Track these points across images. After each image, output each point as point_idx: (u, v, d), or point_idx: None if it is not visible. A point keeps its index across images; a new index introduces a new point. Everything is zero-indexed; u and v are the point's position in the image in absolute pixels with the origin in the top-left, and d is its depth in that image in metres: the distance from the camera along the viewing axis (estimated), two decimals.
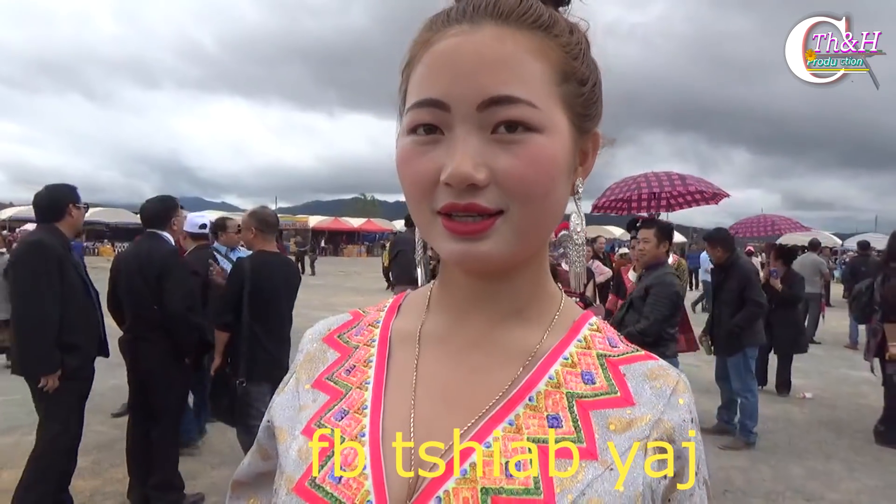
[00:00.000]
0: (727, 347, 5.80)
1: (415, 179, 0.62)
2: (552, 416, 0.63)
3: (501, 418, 0.62)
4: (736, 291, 5.72)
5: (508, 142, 0.59)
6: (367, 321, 0.79)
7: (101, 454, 4.94)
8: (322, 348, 0.77)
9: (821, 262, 12.55)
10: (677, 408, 0.65)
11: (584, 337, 0.70)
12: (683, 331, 6.12)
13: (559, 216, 0.66)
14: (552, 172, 0.61)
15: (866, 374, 6.97)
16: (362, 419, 0.66)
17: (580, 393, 0.65)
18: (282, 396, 0.77)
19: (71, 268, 3.62)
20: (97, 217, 34.81)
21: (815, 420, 6.72)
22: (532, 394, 0.64)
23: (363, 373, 0.71)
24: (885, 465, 5.39)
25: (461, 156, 0.58)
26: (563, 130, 0.62)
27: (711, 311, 6.14)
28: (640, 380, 0.66)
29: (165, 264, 3.94)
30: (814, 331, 12.04)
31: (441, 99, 0.59)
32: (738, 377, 5.77)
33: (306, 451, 0.65)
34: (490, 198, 0.59)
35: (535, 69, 0.60)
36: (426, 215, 0.63)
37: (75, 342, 3.59)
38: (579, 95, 0.64)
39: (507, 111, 0.58)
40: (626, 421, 0.63)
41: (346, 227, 50.61)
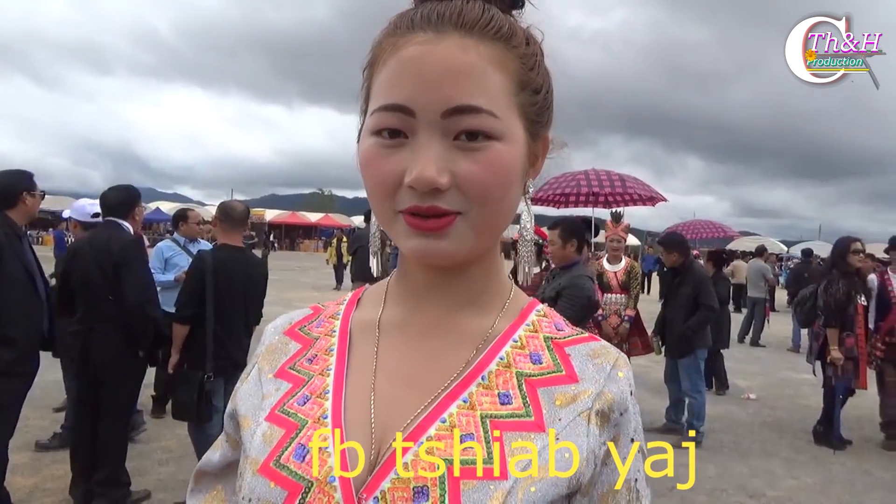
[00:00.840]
0: (679, 349, 5.95)
1: (379, 180, 0.65)
2: (503, 394, 0.68)
3: (456, 396, 0.67)
4: (690, 295, 5.87)
5: (470, 149, 0.63)
6: (327, 314, 0.82)
7: (42, 450, 4.78)
8: (284, 340, 0.80)
9: (766, 267, 12.98)
10: (617, 381, 0.70)
11: (532, 322, 0.76)
12: (639, 334, 6.25)
13: (511, 216, 0.70)
14: (509, 177, 0.65)
15: (807, 377, 7.24)
16: (324, 402, 0.69)
17: (528, 372, 0.70)
18: (246, 385, 0.79)
19: (13, 258, 3.45)
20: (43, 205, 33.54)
21: (758, 420, 6.95)
22: (484, 373, 0.69)
23: (325, 361, 0.75)
24: (822, 464, 5.61)
25: (425, 161, 0.61)
26: (520, 138, 0.67)
27: (662, 312, 6.27)
28: (583, 359, 0.71)
29: (126, 254, 3.83)
30: (759, 334, 12.45)
31: (407, 105, 0.62)
32: (688, 378, 5.93)
33: (271, 435, 0.68)
34: (450, 200, 0.63)
35: (496, 80, 0.64)
36: (389, 214, 0.67)
37: (12, 335, 3.40)
38: (533, 104, 0.69)
39: (469, 120, 0.62)
40: (570, 395, 0.68)
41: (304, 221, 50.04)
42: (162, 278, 5.54)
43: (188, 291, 3.98)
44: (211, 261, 4.00)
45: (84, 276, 3.82)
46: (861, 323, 5.91)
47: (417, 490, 0.61)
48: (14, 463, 3.97)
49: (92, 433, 3.93)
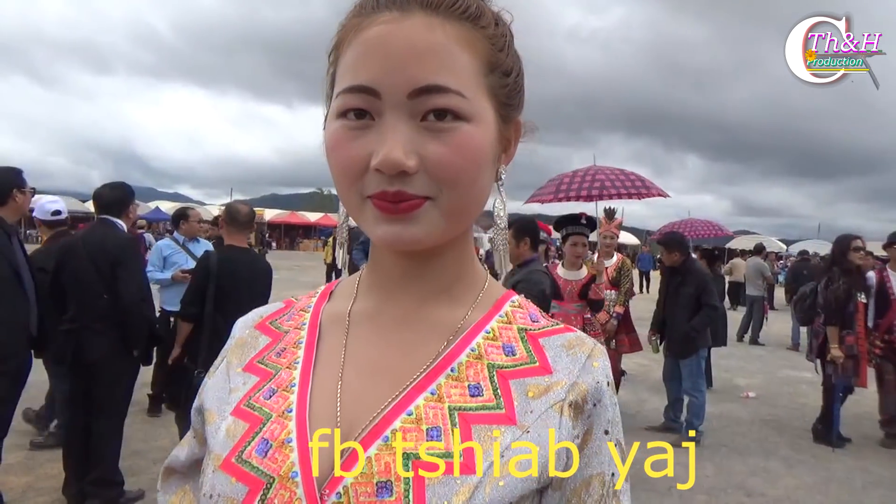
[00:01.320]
0: (682, 349, 5.91)
1: (345, 164, 0.63)
2: (473, 386, 0.66)
3: (424, 388, 0.65)
4: (692, 295, 5.83)
5: (438, 130, 0.61)
6: (298, 307, 0.80)
7: (35, 450, 4.75)
8: (254, 334, 0.79)
9: (764, 265, 12.96)
10: (591, 371, 0.68)
11: (506, 313, 0.73)
12: (626, 331, 6.23)
13: (483, 201, 0.68)
14: (479, 160, 0.63)
15: (807, 375, 7.22)
16: (290, 396, 0.67)
17: (500, 364, 0.68)
18: (213, 380, 0.77)
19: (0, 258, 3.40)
20: None
21: (757, 419, 6.92)
22: (454, 365, 0.67)
23: (293, 354, 0.73)
24: (821, 462, 5.58)
25: (392, 143, 0.59)
26: (490, 120, 0.65)
27: (662, 312, 6.23)
28: (557, 350, 0.69)
29: (122, 253, 3.81)
30: (758, 333, 12.43)
31: (372, 86, 0.60)
32: (689, 377, 5.91)
33: (234, 430, 0.67)
34: (418, 185, 0.61)
35: (463, 60, 0.62)
36: (355, 200, 0.64)
37: None
38: (503, 86, 0.67)
39: (436, 100, 0.60)
40: (543, 387, 0.66)
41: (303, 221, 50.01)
42: (159, 276, 5.54)
43: (193, 290, 4.02)
44: (215, 260, 4.03)
45: (77, 274, 3.78)
46: (861, 321, 5.88)
47: (381, 485, 0.59)
48: (7, 462, 3.95)
49: (85, 432, 3.89)
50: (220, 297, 3.94)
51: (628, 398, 7.08)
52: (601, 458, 0.67)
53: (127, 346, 3.86)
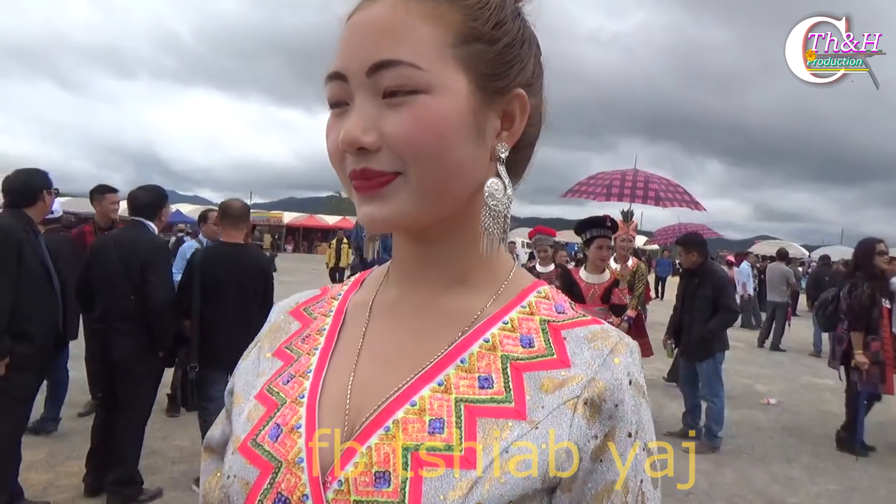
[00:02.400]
0: (700, 353, 5.84)
1: (330, 151, 0.65)
2: (483, 378, 0.64)
3: (431, 378, 0.64)
4: (710, 297, 5.76)
5: (396, 104, 0.61)
6: (331, 295, 0.82)
7: (56, 446, 4.81)
8: (287, 319, 0.80)
9: (788, 271, 12.78)
10: (612, 368, 0.64)
11: (529, 303, 0.71)
12: (637, 335, 6.15)
13: (464, 180, 0.65)
14: (441, 130, 0.61)
15: (829, 382, 7.11)
16: (304, 382, 0.69)
17: (516, 356, 0.66)
18: (245, 363, 0.80)
19: (32, 254, 3.49)
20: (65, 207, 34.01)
21: (778, 426, 6.82)
22: (464, 355, 0.66)
23: (315, 340, 0.74)
24: (844, 471, 5.48)
25: (351, 122, 0.61)
26: (459, 90, 0.63)
27: (679, 315, 6.16)
28: (579, 342, 0.66)
29: (153, 255, 3.89)
30: (780, 339, 12.26)
31: (340, 71, 0.63)
32: (707, 382, 5.83)
33: (253, 414, 0.69)
34: (383, 161, 0.62)
35: (423, 32, 0.62)
36: (346, 185, 0.66)
37: (28, 331, 3.44)
38: (484, 55, 0.65)
39: (390, 73, 0.60)
40: (558, 381, 0.63)
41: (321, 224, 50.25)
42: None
43: (180, 286, 4.16)
44: (199, 257, 4.20)
45: (106, 274, 3.85)
46: (886, 326, 5.77)
47: (379, 475, 0.59)
48: (29, 459, 4.01)
49: (107, 431, 3.95)
50: (205, 292, 4.02)
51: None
52: (631, 464, 0.63)
53: (153, 349, 3.91)
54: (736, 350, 10.51)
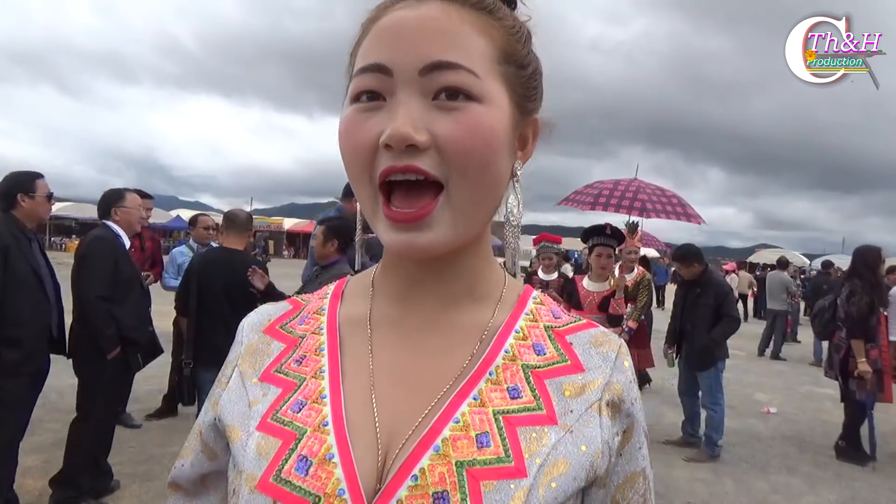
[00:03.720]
0: (702, 362, 5.82)
1: (356, 147, 0.62)
2: (512, 388, 0.65)
3: (466, 394, 0.64)
4: (712, 306, 5.74)
5: (449, 108, 0.60)
6: (309, 309, 0.77)
7: (53, 453, 4.77)
8: (265, 340, 0.75)
9: (788, 280, 12.78)
10: (623, 370, 0.69)
11: (531, 310, 0.73)
12: (638, 346, 6.12)
13: (498, 195, 0.67)
14: (492, 142, 0.61)
15: (829, 391, 7.09)
16: (323, 408, 0.65)
17: (534, 364, 0.67)
18: (227, 392, 0.73)
19: (21, 259, 3.46)
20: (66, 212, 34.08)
21: (778, 435, 6.80)
22: (491, 368, 0.66)
23: (316, 361, 0.70)
24: (844, 481, 5.46)
25: (402, 117, 0.58)
26: (504, 105, 0.64)
27: (678, 324, 6.13)
28: (586, 346, 0.69)
29: (86, 248, 3.93)
30: (780, 348, 12.24)
31: (384, 63, 0.60)
32: (708, 391, 5.82)
33: (266, 447, 0.63)
34: (429, 162, 0.60)
35: (477, 43, 0.62)
36: (368, 193, 0.63)
37: (17, 336, 3.42)
38: (520, 77, 0.67)
39: (448, 76, 0.59)
40: (579, 386, 0.66)
41: None
42: (172, 283, 5.63)
43: (180, 287, 4.47)
44: (197, 260, 4.44)
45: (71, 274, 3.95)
46: (884, 334, 5.76)
47: (437, 496, 0.57)
48: (25, 465, 3.99)
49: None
50: (201, 294, 4.20)
51: (646, 411, 6.94)
52: (643, 454, 0.70)
53: (98, 348, 3.82)
54: (736, 359, 10.49)
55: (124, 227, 4.09)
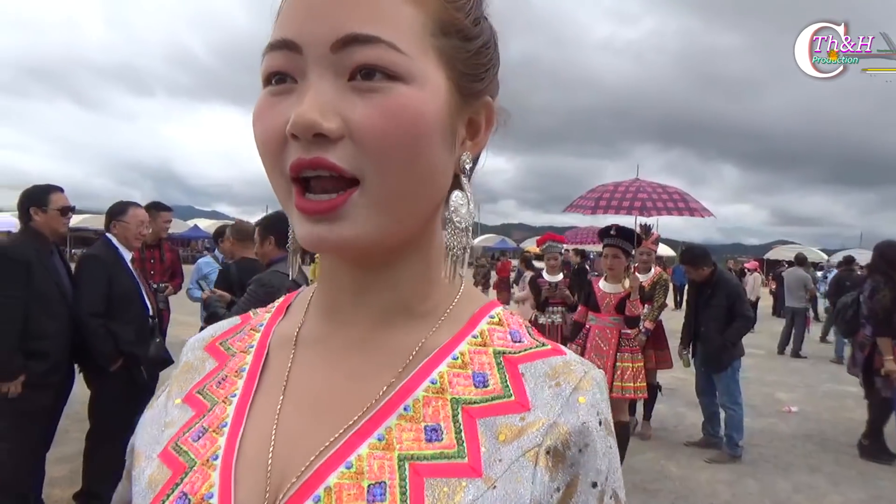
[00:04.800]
0: (717, 363, 5.77)
1: (264, 136, 0.53)
2: (431, 428, 0.54)
3: (369, 432, 0.54)
4: (724, 306, 5.70)
5: (366, 90, 0.50)
6: (252, 324, 0.70)
7: (80, 463, 4.83)
8: (202, 357, 0.68)
9: (806, 277, 12.63)
10: (576, 408, 0.55)
11: (481, 332, 0.61)
12: (656, 347, 6.08)
13: (432, 191, 0.56)
14: (418, 129, 0.51)
15: (851, 389, 7.00)
16: (218, 439, 0.57)
17: (468, 398, 0.56)
18: (150, 412, 0.67)
19: (43, 273, 3.52)
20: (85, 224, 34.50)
21: (800, 434, 6.72)
22: (408, 401, 0.55)
23: (232, 384, 0.62)
24: (868, 479, 5.39)
25: (308, 101, 0.49)
26: (438, 86, 0.54)
27: (692, 325, 6.08)
28: (539, 379, 0.57)
29: (79, 264, 3.96)
30: (800, 345, 12.10)
31: (291, 38, 0.51)
32: (725, 391, 5.77)
33: (157, 478, 0.57)
34: (342, 155, 0.50)
35: (405, 12, 0.52)
36: (282, 184, 0.54)
37: (43, 349, 3.48)
38: (462, 52, 0.56)
39: (364, 52, 0.50)
40: (517, 429, 0.54)
41: None
42: (196, 294, 5.67)
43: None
44: (235, 271, 4.44)
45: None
46: None
47: None
48: (52, 475, 4.06)
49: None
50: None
51: (666, 413, 6.95)
52: None
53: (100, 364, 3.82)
54: (756, 357, 10.40)
55: (122, 241, 4.10)
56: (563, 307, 6.61)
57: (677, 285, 16.97)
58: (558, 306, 6.63)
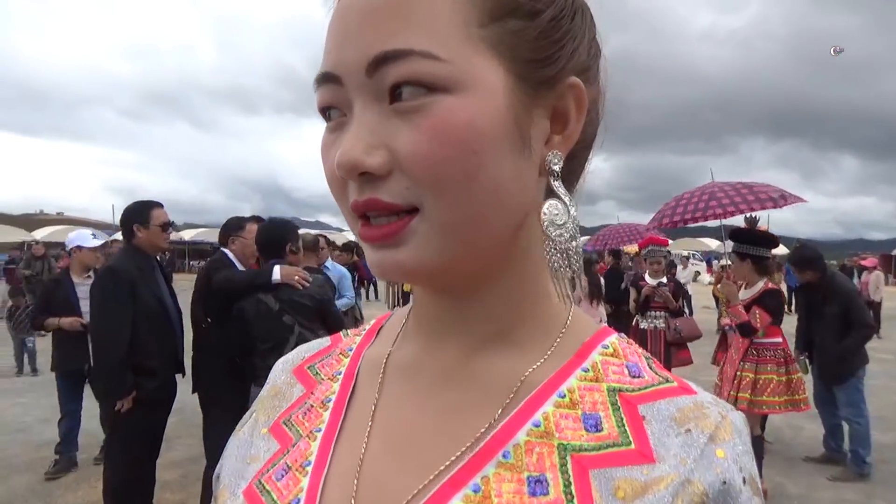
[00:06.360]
0: (837, 375, 5.30)
1: (327, 177, 0.50)
2: (534, 479, 0.47)
3: (463, 482, 0.47)
4: (838, 314, 5.22)
5: (408, 111, 0.45)
6: (341, 348, 0.65)
7: (190, 468, 5.12)
8: (290, 382, 0.64)
9: None
10: (714, 462, 0.46)
11: (593, 364, 0.53)
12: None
13: (508, 204, 0.49)
14: (470, 145, 0.45)
15: None
16: (301, 479, 0.53)
17: (578, 445, 0.48)
18: (235, 440, 0.63)
19: (146, 291, 3.64)
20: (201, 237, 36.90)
21: None
22: (508, 447, 0.49)
23: (318, 416, 0.58)
24: None
25: (349, 139, 0.45)
26: (493, 86, 0.46)
27: (804, 332, 5.62)
28: (665, 424, 0.49)
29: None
30: None
31: (331, 71, 0.47)
32: (848, 402, 5.27)
33: None
34: (394, 189, 0.46)
35: (439, 9, 0.45)
36: (351, 220, 0.50)
37: (151, 366, 3.60)
38: (525, 34, 0.48)
39: (397, 69, 0.44)
40: (640, 484, 0.46)
41: None
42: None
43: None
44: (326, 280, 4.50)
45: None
46: None
47: None
48: (163, 480, 4.29)
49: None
50: None
51: (781, 424, 6.45)
52: None
53: None
54: (883, 363, 9.50)
55: (239, 256, 4.07)
56: (665, 311, 6.31)
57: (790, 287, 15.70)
58: (660, 311, 6.34)
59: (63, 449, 5.12)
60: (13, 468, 5.18)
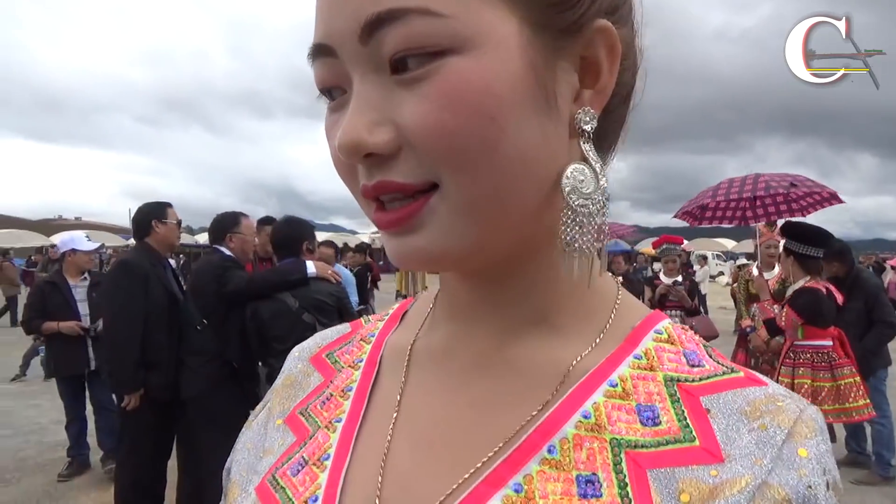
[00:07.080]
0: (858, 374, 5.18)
1: (333, 161, 0.45)
2: (585, 479, 0.41)
3: (503, 480, 0.42)
4: (862, 311, 5.11)
5: (412, 81, 0.39)
6: (362, 334, 0.61)
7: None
8: (307, 371, 0.59)
9: None
10: (796, 464, 0.40)
11: (646, 351, 0.47)
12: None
13: (535, 172, 0.43)
14: (489, 110, 0.39)
15: None
16: (320, 475, 0.48)
17: (633, 440, 0.43)
18: (248, 433, 0.59)
19: (158, 285, 3.68)
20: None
21: None
22: (554, 441, 0.43)
23: (338, 406, 0.53)
24: None
25: (349, 118, 0.40)
26: (507, 38, 0.40)
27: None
28: (734, 419, 0.43)
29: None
30: None
31: (321, 42, 0.42)
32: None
33: None
34: (407, 169, 0.40)
35: None
36: (364, 206, 0.46)
37: (158, 360, 3.62)
38: None
39: (394, 34, 0.38)
40: (707, 488, 0.40)
41: None
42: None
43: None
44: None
45: None
46: None
47: None
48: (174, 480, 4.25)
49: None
50: None
51: None
52: None
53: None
54: None
55: (238, 253, 3.87)
56: (681, 311, 6.21)
57: None
58: (676, 310, 6.25)
59: (74, 452, 5.13)
60: (27, 470, 5.19)
